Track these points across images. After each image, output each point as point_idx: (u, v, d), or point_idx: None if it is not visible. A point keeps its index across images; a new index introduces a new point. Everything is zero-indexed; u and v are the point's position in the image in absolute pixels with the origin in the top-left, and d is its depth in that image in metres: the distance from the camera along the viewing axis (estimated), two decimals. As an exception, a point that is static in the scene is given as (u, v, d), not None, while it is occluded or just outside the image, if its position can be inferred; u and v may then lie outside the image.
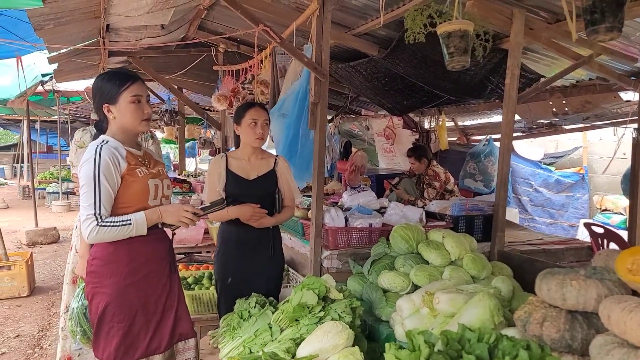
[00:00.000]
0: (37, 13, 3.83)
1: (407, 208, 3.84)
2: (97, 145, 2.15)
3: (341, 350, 2.18)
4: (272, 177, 3.05)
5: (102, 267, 2.20)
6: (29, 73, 8.24)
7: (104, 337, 2.21)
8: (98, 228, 2.07)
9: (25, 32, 5.61)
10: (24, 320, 4.80)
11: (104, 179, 2.09)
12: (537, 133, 6.52)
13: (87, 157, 2.15)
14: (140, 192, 2.21)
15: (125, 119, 2.23)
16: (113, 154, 2.15)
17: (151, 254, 2.28)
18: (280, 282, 3.17)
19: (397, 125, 7.72)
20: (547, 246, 3.91)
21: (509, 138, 3.55)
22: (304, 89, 3.48)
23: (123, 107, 2.21)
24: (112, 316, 2.19)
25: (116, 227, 2.10)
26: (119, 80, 2.21)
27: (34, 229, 8.23)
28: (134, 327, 2.23)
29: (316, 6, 3.29)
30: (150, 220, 2.18)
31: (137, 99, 2.22)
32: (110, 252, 2.19)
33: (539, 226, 7.16)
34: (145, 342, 2.24)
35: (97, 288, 2.21)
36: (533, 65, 4.43)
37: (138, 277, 2.23)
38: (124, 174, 2.17)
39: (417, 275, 2.74)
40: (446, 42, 2.85)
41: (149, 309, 2.27)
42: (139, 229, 2.15)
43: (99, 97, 2.23)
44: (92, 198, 2.08)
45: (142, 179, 2.22)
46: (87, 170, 2.11)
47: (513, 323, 2.10)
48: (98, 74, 2.80)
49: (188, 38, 5.72)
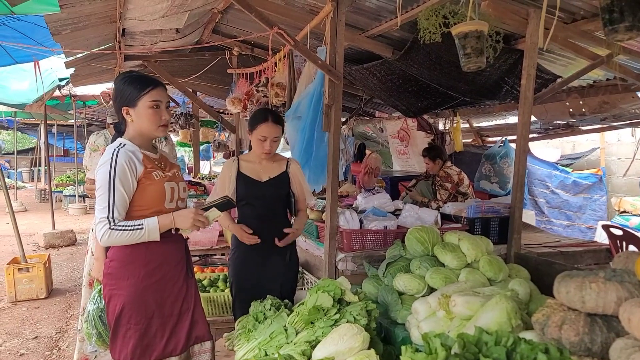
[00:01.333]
0: (55, 18, 3.88)
1: (422, 210, 3.82)
2: (114, 149, 2.17)
3: (357, 353, 2.17)
4: (284, 179, 3.06)
5: (119, 269, 2.22)
6: (47, 77, 8.36)
7: (121, 338, 2.22)
8: (110, 231, 2.09)
9: (43, 37, 5.70)
10: (42, 321, 4.86)
11: (119, 183, 2.11)
12: (554, 134, 6.45)
13: (104, 160, 2.16)
14: (156, 195, 2.22)
15: (142, 123, 2.24)
16: (130, 157, 2.17)
17: (167, 257, 2.29)
18: (295, 285, 3.18)
19: (411, 127, 7.69)
20: (564, 248, 3.86)
21: (525, 139, 3.51)
22: (318, 92, 3.49)
23: (142, 111, 2.22)
24: (129, 318, 2.21)
25: (128, 231, 2.11)
26: (140, 84, 2.22)
27: (51, 232, 8.33)
28: (151, 329, 2.24)
29: (330, 8, 3.29)
30: (162, 226, 2.18)
31: (156, 105, 2.23)
32: (127, 254, 2.21)
33: (556, 228, 7.08)
34: (161, 345, 2.25)
35: (114, 290, 2.23)
36: (549, 66, 4.38)
37: (154, 280, 2.25)
38: (140, 177, 2.19)
39: (433, 277, 2.72)
40: (462, 43, 2.84)
41: (165, 311, 2.28)
42: (151, 234, 2.15)
43: (120, 98, 2.25)
44: (106, 201, 2.10)
45: (159, 182, 2.23)
46: (103, 173, 2.12)
47: (531, 326, 2.07)
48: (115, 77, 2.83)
49: (203, 41, 5.75)
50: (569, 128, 6.12)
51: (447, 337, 1.89)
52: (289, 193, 3.08)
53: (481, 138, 7.70)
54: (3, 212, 11.35)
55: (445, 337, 1.89)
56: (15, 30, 5.76)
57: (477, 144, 7.66)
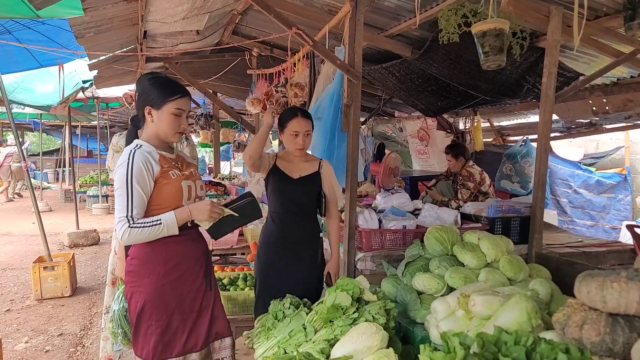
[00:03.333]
0: (79, 22, 3.96)
1: (441, 210, 3.80)
2: (130, 150, 2.21)
3: (375, 351, 2.17)
4: (316, 179, 3.06)
5: (140, 267, 2.26)
6: (70, 80, 8.53)
7: (143, 335, 2.27)
8: (130, 230, 2.12)
9: (67, 40, 5.82)
10: (66, 319, 4.96)
11: (136, 182, 2.14)
12: (577, 133, 6.36)
13: (121, 161, 2.20)
14: (174, 194, 2.25)
15: (162, 127, 2.28)
16: (146, 158, 2.20)
17: (186, 255, 2.33)
18: (321, 287, 3.16)
19: (431, 127, 7.65)
20: (587, 249, 3.81)
21: (546, 138, 3.47)
22: (338, 92, 3.49)
23: (164, 116, 2.26)
24: (150, 315, 2.25)
25: (147, 228, 2.14)
26: (170, 89, 2.26)
27: (75, 231, 8.48)
28: (171, 326, 2.28)
29: (349, 8, 3.30)
30: (180, 219, 2.21)
31: (179, 112, 2.27)
32: (147, 252, 2.25)
33: (579, 228, 6.97)
34: (182, 341, 2.29)
35: (135, 287, 2.28)
36: (571, 64, 4.32)
37: (174, 277, 2.28)
38: (157, 177, 2.22)
39: (452, 277, 2.71)
40: (481, 41, 2.82)
41: (185, 308, 2.32)
42: (169, 229, 2.18)
43: (145, 97, 2.27)
44: (124, 201, 2.13)
45: (176, 181, 2.27)
46: (121, 174, 2.16)
47: (551, 326, 2.05)
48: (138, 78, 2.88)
49: (222, 43, 5.81)
50: (592, 127, 6.03)
51: (466, 337, 1.89)
52: (319, 194, 3.08)
53: (502, 137, 7.62)
54: (29, 212, 11.62)
55: (464, 336, 1.89)
56: (41, 34, 5.89)
57: (497, 143, 7.58)
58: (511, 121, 7.61)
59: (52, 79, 8.65)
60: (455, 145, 5.64)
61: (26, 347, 4.25)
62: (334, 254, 3.13)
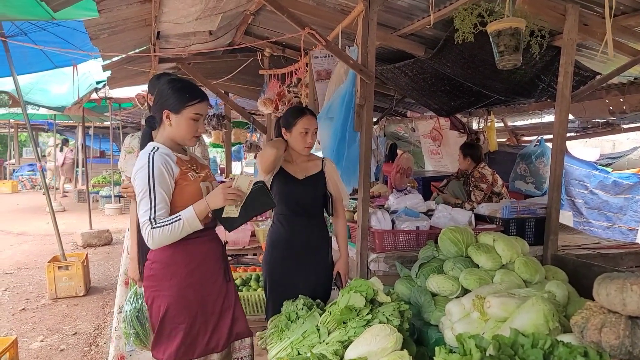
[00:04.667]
0: (93, 23, 3.99)
1: (455, 211, 3.77)
2: (149, 153, 2.20)
3: (390, 353, 2.15)
4: (320, 178, 3.04)
5: (162, 270, 2.25)
6: (84, 81, 8.60)
7: (166, 338, 2.26)
8: (152, 231, 2.11)
9: (82, 42, 5.87)
10: (80, 318, 4.99)
11: (158, 185, 2.13)
12: (593, 133, 6.28)
13: (140, 164, 2.18)
14: (193, 195, 2.24)
15: (180, 131, 2.27)
16: (165, 160, 2.20)
17: (206, 257, 2.33)
18: (330, 287, 3.15)
19: (444, 127, 7.60)
20: (604, 250, 3.75)
21: (562, 138, 3.43)
22: (350, 92, 3.48)
23: (182, 120, 2.26)
24: (174, 317, 2.25)
25: (167, 226, 2.11)
26: (190, 94, 2.26)
27: (88, 231, 8.55)
28: (194, 327, 2.28)
29: (362, 8, 3.28)
30: (199, 211, 2.17)
31: (197, 117, 2.28)
32: (169, 255, 2.24)
33: (595, 230, 6.87)
34: (204, 342, 2.30)
35: (157, 291, 2.26)
36: (587, 63, 4.27)
37: (196, 279, 2.28)
38: (177, 178, 2.22)
39: (466, 278, 2.68)
40: (496, 40, 2.79)
41: (207, 309, 2.32)
42: (191, 223, 2.15)
43: (164, 101, 2.27)
44: (148, 204, 2.12)
45: (195, 182, 2.27)
46: (142, 178, 2.15)
47: (568, 329, 2.03)
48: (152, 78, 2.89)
49: (235, 43, 5.82)
50: (609, 126, 5.95)
51: (481, 339, 1.87)
52: (325, 194, 3.06)
53: (516, 137, 7.55)
54: (43, 212, 11.75)
55: (480, 338, 1.87)
56: (55, 35, 5.95)
57: (511, 144, 7.52)
58: (525, 121, 7.54)
59: (66, 80, 8.72)
60: (467, 144, 5.59)
61: (41, 346, 4.29)
62: (343, 254, 3.11)
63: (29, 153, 23.99)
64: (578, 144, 7.95)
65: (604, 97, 5.02)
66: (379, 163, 8.07)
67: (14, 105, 10.75)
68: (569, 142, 6.96)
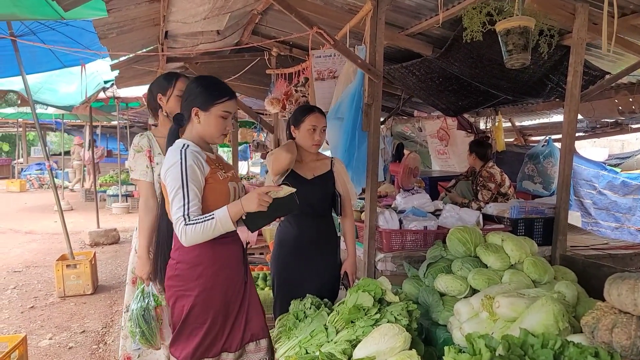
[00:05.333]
0: (102, 22, 4.00)
1: (463, 210, 3.76)
2: (180, 150, 2.18)
3: (398, 353, 2.15)
4: (329, 178, 3.03)
5: (188, 270, 2.24)
6: (92, 80, 8.64)
7: (186, 337, 2.26)
8: (186, 228, 2.09)
9: (90, 41, 5.90)
10: (88, 316, 5.01)
11: (191, 181, 2.12)
12: (601, 133, 6.25)
13: (172, 161, 2.16)
14: (222, 195, 2.24)
15: (209, 129, 2.28)
16: (196, 157, 2.19)
17: (230, 258, 2.33)
18: (337, 287, 3.14)
19: (451, 127, 7.58)
20: (613, 251, 3.73)
21: (571, 138, 3.41)
22: (359, 92, 3.47)
23: (212, 118, 2.26)
24: (197, 317, 2.24)
25: (201, 224, 2.09)
26: (219, 92, 2.27)
27: (96, 230, 8.58)
28: (214, 328, 2.28)
29: (370, 7, 3.28)
30: (233, 213, 2.15)
31: (226, 115, 2.28)
32: (195, 255, 2.23)
33: (604, 230, 6.83)
34: (221, 342, 2.30)
35: (182, 291, 2.25)
36: (597, 62, 4.25)
37: (220, 279, 2.28)
38: (207, 176, 2.21)
39: (475, 278, 2.67)
40: (505, 39, 2.78)
41: (228, 310, 2.32)
42: (224, 223, 2.13)
43: (193, 98, 2.28)
44: (181, 201, 2.11)
45: (224, 182, 2.26)
46: (175, 174, 2.13)
47: (578, 330, 2.02)
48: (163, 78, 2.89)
49: (242, 43, 5.82)
50: (618, 126, 5.92)
51: (491, 339, 1.86)
52: (334, 193, 3.04)
53: (524, 137, 7.52)
54: (51, 210, 11.81)
55: (490, 338, 1.86)
56: (64, 35, 5.98)
57: (519, 144, 7.48)
58: (533, 121, 7.51)
59: (74, 80, 8.76)
60: (475, 141, 5.56)
61: (50, 344, 4.31)
62: (351, 253, 3.10)
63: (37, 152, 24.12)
64: (586, 143, 7.91)
65: (613, 97, 5.00)
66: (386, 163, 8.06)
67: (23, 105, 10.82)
68: (578, 142, 6.91)
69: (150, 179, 2.80)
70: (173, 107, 2.81)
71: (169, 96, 2.81)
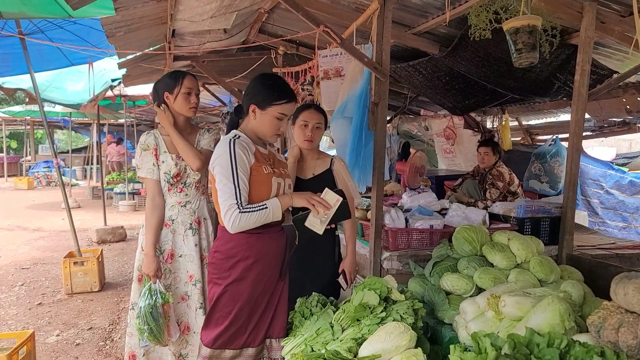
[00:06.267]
0: (110, 21, 4.02)
1: (469, 209, 3.76)
2: (230, 140, 2.26)
3: (404, 351, 2.15)
4: (328, 176, 3.02)
5: (222, 261, 2.33)
6: (100, 78, 8.69)
7: (214, 324, 2.35)
8: (240, 215, 2.17)
9: (98, 39, 5.93)
10: (96, 313, 5.05)
11: (240, 170, 2.20)
12: (609, 132, 6.22)
13: (221, 151, 2.25)
14: (264, 188, 2.29)
15: (263, 127, 2.34)
16: (244, 147, 2.26)
17: (266, 253, 2.37)
18: (339, 286, 3.14)
19: (457, 125, 7.57)
20: (620, 251, 3.72)
21: (578, 137, 3.40)
22: (366, 91, 3.47)
23: (267, 117, 2.32)
24: (223, 306, 2.33)
25: (255, 212, 2.19)
26: (279, 93, 2.31)
27: (103, 228, 8.63)
28: (239, 320, 2.34)
29: (377, 6, 3.28)
30: (284, 204, 2.28)
31: (281, 117, 2.33)
32: (230, 247, 2.31)
33: (611, 230, 6.79)
34: (245, 336, 2.36)
35: (215, 278, 2.36)
36: (605, 61, 4.22)
37: (251, 274, 2.33)
38: (252, 167, 2.27)
39: (481, 277, 2.67)
40: (514, 38, 2.77)
41: (255, 305, 2.37)
42: (275, 213, 2.24)
43: (253, 96, 2.34)
44: (232, 189, 2.18)
45: (267, 176, 2.31)
46: (224, 163, 2.21)
47: (584, 329, 2.01)
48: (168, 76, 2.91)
49: (249, 41, 5.83)
50: (626, 125, 5.89)
51: (497, 338, 1.86)
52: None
53: (530, 136, 7.50)
54: (59, 208, 11.89)
55: (495, 337, 1.86)
56: (72, 34, 6.02)
57: (526, 143, 7.46)
58: (540, 120, 7.48)
59: (82, 78, 8.81)
60: (492, 140, 5.57)
61: (57, 340, 4.34)
62: (349, 252, 3.06)
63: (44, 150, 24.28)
64: (593, 143, 7.87)
65: (621, 96, 4.97)
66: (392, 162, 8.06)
67: (31, 103, 10.89)
68: (585, 142, 6.89)
69: (156, 177, 2.82)
70: (181, 105, 2.84)
71: (177, 94, 2.83)
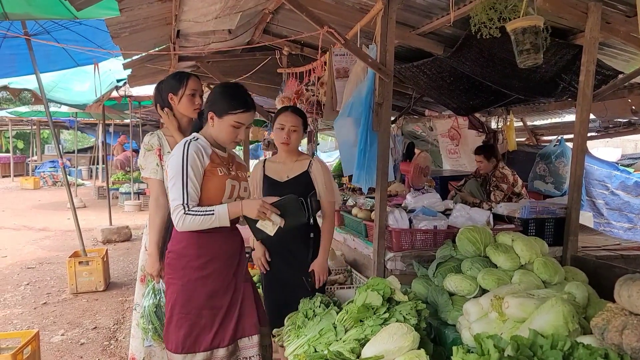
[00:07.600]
0: (115, 22, 4.03)
1: (473, 210, 3.75)
2: (186, 141, 2.32)
3: (407, 352, 2.15)
4: (304, 179, 2.96)
5: (175, 260, 2.36)
6: (105, 79, 8.72)
7: (174, 327, 2.34)
8: (185, 216, 2.21)
9: (103, 40, 5.96)
10: (100, 313, 5.07)
11: (191, 171, 2.24)
12: (614, 132, 6.19)
13: (176, 152, 2.30)
14: (216, 190, 2.33)
15: (220, 134, 2.39)
16: (199, 149, 2.30)
17: (220, 251, 2.39)
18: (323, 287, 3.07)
19: (462, 126, 7.55)
20: (625, 252, 3.70)
21: (583, 138, 3.39)
22: (371, 92, 3.47)
23: (224, 125, 2.36)
24: (181, 307, 2.33)
25: (200, 217, 2.23)
26: (235, 103, 2.35)
27: (108, 227, 8.66)
28: (200, 321, 2.34)
29: (381, 6, 3.27)
30: (232, 213, 2.29)
31: (237, 125, 2.37)
32: (183, 247, 2.34)
33: (616, 231, 6.76)
34: (210, 336, 2.35)
35: (170, 279, 2.38)
36: (610, 61, 4.20)
37: (206, 272, 2.35)
38: (206, 169, 2.31)
39: (484, 278, 2.66)
40: (520, 38, 2.76)
41: (215, 304, 2.37)
42: (221, 220, 2.26)
43: (212, 104, 2.39)
44: (180, 189, 2.23)
45: (221, 178, 2.34)
46: (176, 163, 2.26)
47: (589, 331, 2.00)
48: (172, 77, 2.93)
49: (253, 42, 5.83)
50: (631, 126, 5.87)
51: (500, 339, 1.86)
52: (314, 194, 2.93)
53: (535, 137, 7.47)
54: (64, 208, 11.93)
55: (498, 338, 1.86)
56: (78, 34, 6.05)
57: (531, 143, 7.44)
58: (545, 120, 7.46)
59: (87, 78, 8.85)
60: (486, 146, 5.56)
61: (62, 340, 4.36)
62: (322, 253, 2.98)
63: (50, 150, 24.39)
64: (599, 143, 7.84)
65: (626, 97, 4.95)
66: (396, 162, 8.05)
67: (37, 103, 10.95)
68: (590, 142, 6.87)
69: (160, 177, 2.83)
70: (185, 107, 2.84)
71: (181, 96, 2.84)
